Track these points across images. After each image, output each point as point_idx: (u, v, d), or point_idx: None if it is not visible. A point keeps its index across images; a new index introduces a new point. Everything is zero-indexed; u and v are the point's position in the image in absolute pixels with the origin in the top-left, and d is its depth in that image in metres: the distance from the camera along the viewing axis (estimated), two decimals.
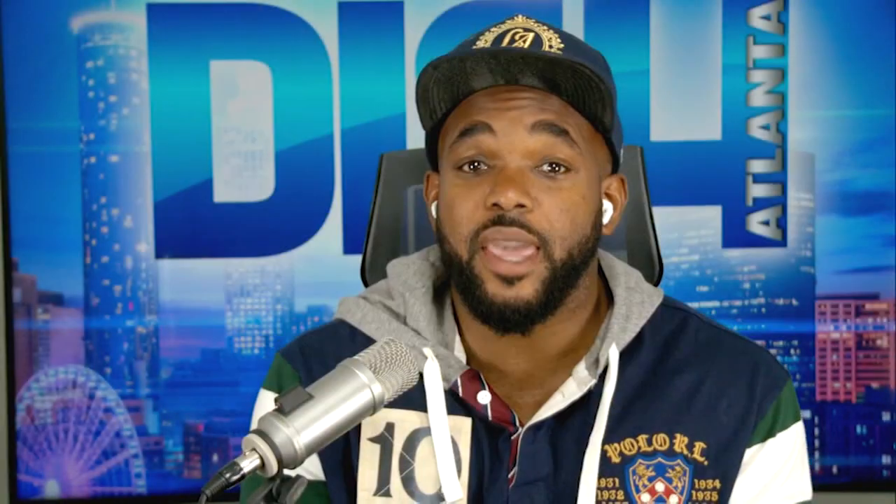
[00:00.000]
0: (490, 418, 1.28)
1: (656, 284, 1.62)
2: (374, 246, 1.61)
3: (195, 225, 2.86)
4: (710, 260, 2.89)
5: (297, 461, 1.02)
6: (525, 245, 1.24)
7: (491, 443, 1.29)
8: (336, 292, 1.60)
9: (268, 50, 2.84)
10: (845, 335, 2.92)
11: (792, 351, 2.92)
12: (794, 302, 2.91)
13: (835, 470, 2.94)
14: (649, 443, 1.28)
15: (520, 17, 1.29)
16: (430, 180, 1.35)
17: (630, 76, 2.84)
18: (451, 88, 1.27)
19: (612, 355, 1.28)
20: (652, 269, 1.61)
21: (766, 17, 2.85)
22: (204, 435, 2.90)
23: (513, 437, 1.28)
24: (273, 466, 1.01)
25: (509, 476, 1.27)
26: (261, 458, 1.01)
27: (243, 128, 2.86)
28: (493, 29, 1.27)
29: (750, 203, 2.88)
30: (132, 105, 2.84)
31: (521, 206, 1.23)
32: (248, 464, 1.01)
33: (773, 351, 2.89)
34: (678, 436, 1.29)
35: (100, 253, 2.86)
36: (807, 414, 2.92)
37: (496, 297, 1.25)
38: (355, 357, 1.08)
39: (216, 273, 2.87)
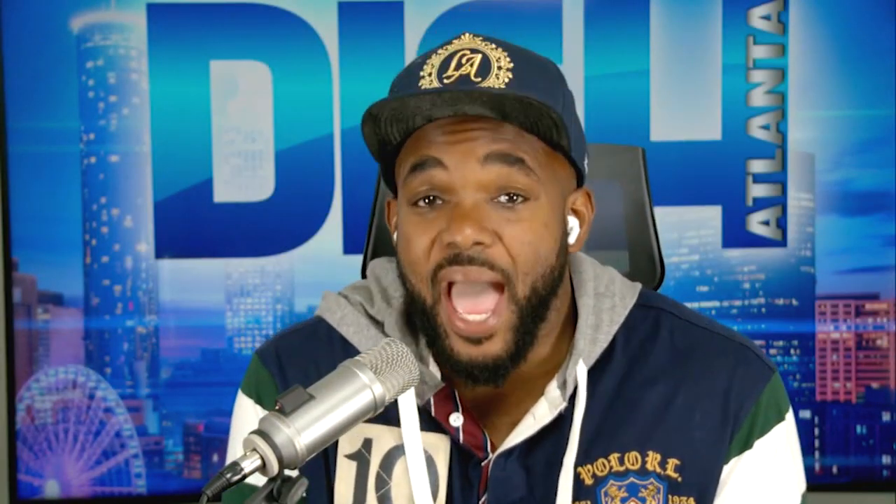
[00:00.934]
0: (462, 441, 1.24)
1: (658, 286, 1.61)
2: (374, 247, 1.61)
3: (195, 225, 2.86)
4: (710, 260, 2.89)
5: (297, 461, 1.02)
6: (488, 286, 1.18)
7: (462, 467, 1.25)
8: None
9: (268, 50, 2.84)
10: (845, 335, 2.92)
11: (792, 351, 2.92)
12: (794, 302, 2.91)
13: (835, 470, 2.94)
14: (621, 462, 1.24)
15: (466, 35, 1.22)
16: (391, 207, 1.29)
17: (630, 76, 2.84)
18: (400, 124, 1.21)
19: (580, 375, 1.23)
20: (653, 271, 1.60)
21: (766, 17, 2.85)
22: (204, 435, 2.90)
23: (483, 463, 1.25)
24: (274, 467, 1.01)
25: (480, 503, 1.24)
26: (261, 458, 1.01)
27: (243, 128, 2.86)
28: (439, 52, 1.21)
29: (750, 203, 2.88)
30: (132, 105, 2.83)
31: (479, 243, 1.17)
32: (249, 464, 1.01)
33: (772, 351, 2.89)
34: (650, 453, 1.25)
35: (100, 253, 2.86)
36: (807, 414, 2.92)
37: (461, 355, 1.19)
38: (356, 357, 1.08)
39: (216, 273, 2.87)
